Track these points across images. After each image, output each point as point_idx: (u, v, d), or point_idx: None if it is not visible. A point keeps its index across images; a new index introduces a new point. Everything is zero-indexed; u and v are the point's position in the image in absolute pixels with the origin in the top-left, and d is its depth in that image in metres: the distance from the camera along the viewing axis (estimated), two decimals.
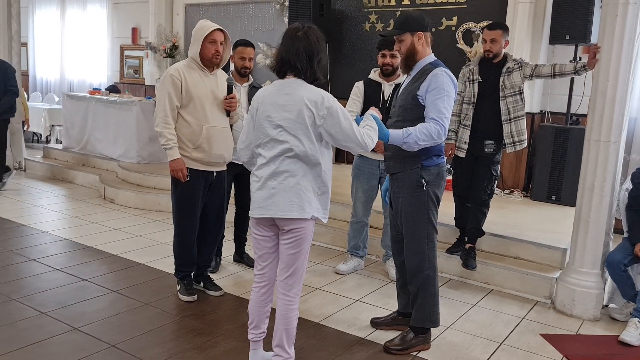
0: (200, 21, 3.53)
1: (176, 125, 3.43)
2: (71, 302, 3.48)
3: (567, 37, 5.35)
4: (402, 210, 3.01)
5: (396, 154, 2.96)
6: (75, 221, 5.40)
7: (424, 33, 2.93)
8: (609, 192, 3.62)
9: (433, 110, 2.81)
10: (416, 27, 2.91)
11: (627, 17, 3.42)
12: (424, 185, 2.92)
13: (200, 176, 3.50)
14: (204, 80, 3.47)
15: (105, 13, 10.06)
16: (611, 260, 3.63)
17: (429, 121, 2.81)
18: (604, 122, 3.54)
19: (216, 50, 3.43)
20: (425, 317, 3.04)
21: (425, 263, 3.00)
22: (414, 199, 2.95)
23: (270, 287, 2.65)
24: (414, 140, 2.77)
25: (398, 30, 2.93)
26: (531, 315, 3.69)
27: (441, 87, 2.82)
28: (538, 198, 5.74)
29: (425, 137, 2.78)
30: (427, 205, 2.96)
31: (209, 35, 3.41)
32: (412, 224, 2.99)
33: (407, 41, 2.91)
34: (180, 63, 3.51)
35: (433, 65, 2.92)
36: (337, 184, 5.78)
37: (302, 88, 2.45)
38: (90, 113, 7.46)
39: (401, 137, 2.78)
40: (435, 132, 2.78)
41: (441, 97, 2.81)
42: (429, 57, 2.96)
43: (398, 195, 3.02)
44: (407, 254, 3.04)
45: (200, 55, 3.44)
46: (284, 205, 2.44)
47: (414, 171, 2.93)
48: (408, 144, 2.79)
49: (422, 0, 6.73)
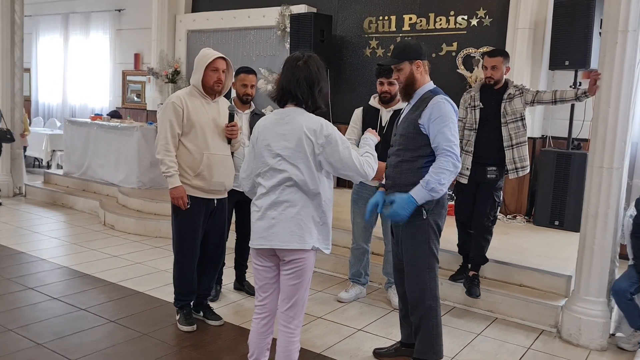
0: (203, 49, 3.55)
1: (177, 153, 3.42)
2: (68, 332, 3.42)
3: (567, 63, 5.37)
4: (402, 239, 2.97)
5: (397, 183, 2.93)
6: (75, 248, 5.36)
7: (422, 61, 2.93)
8: (613, 219, 3.58)
9: (441, 140, 2.78)
10: (414, 55, 2.91)
11: (627, 45, 3.43)
12: (423, 214, 2.87)
13: (201, 204, 3.48)
14: (206, 108, 3.47)
15: (108, 39, 10.16)
16: (617, 289, 3.58)
17: (438, 156, 2.79)
18: (606, 149, 3.52)
19: (218, 78, 3.44)
20: (429, 349, 2.98)
21: (427, 293, 2.95)
22: (414, 228, 2.91)
23: (271, 319, 2.60)
24: (436, 183, 2.75)
25: (396, 59, 2.93)
26: (537, 345, 3.62)
27: (445, 115, 2.80)
28: (541, 223, 5.69)
29: (445, 174, 2.75)
30: (427, 234, 2.91)
31: (211, 64, 3.42)
32: (412, 253, 2.94)
33: (405, 70, 2.91)
34: (182, 91, 3.52)
35: (432, 92, 2.91)
36: (338, 209, 5.75)
37: (302, 117, 2.44)
38: (92, 138, 7.47)
39: (423, 190, 2.76)
40: (449, 165, 2.76)
41: (446, 125, 2.79)
42: (428, 85, 2.96)
43: (398, 225, 2.98)
44: (408, 284, 2.99)
45: (202, 83, 3.45)
46: (284, 236, 2.41)
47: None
48: (433, 189, 2.76)
49: (422, 26, 6.79)
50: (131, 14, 9.84)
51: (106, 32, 10.21)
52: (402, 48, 2.93)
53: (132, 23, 9.83)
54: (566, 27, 5.36)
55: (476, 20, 6.42)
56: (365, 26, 7.24)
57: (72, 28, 10.77)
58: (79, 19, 10.61)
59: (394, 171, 2.94)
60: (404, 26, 6.93)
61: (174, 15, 8.99)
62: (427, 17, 6.75)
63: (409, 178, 2.88)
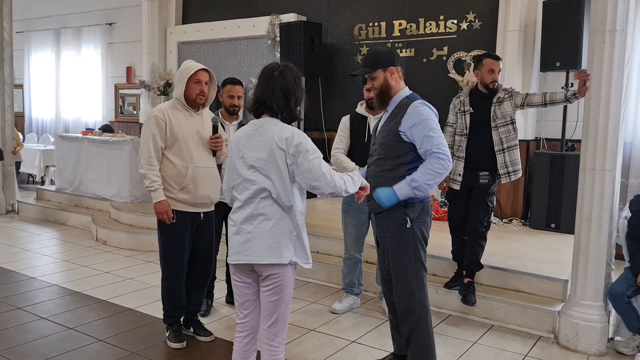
0: (185, 61, 3.50)
1: (161, 167, 3.37)
2: (54, 353, 3.35)
3: (558, 64, 5.34)
4: (388, 250, 2.91)
5: None
6: (66, 265, 5.29)
7: (396, 67, 2.87)
8: (607, 221, 3.52)
9: (428, 145, 2.72)
10: (387, 62, 2.84)
11: (615, 44, 3.38)
12: (408, 223, 2.82)
13: (187, 218, 3.42)
14: (189, 121, 3.42)
15: (100, 53, 10.14)
16: (614, 292, 3.51)
17: (428, 158, 2.73)
18: (598, 150, 3.47)
19: (201, 90, 3.39)
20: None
21: (416, 304, 2.88)
22: (399, 238, 2.85)
23: (253, 336, 2.52)
24: (422, 183, 2.70)
25: (369, 68, 2.87)
26: (534, 352, 3.55)
27: (426, 119, 2.74)
28: (537, 226, 5.64)
29: (431, 175, 2.70)
30: (413, 243, 2.85)
31: (193, 76, 3.37)
32: (399, 264, 2.88)
33: (379, 78, 2.85)
34: (165, 104, 3.47)
35: (409, 98, 2.85)
36: (332, 217, 5.71)
37: (275, 127, 2.38)
38: (83, 153, 7.43)
39: (407, 187, 2.71)
40: (437, 167, 2.69)
41: (431, 128, 2.72)
42: (404, 91, 2.89)
43: (383, 235, 2.92)
44: (397, 295, 2.92)
45: (185, 95, 3.40)
46: (260, 250, 2.34)
47: (398, 209, 2.83)
48: (418, 188, 2.71)
49: (412, 31, 6.76)
50: (122, 27, 9.83)
51: (98, 46, 10.20)
52: (374, 56, 2.87)
53: (123, 36, 9.82)
54: (556, 28, 5.34)
55: (466, 24, 6.40)
56: (355, 33, 7.22)
57: (64, 43, 10.76)
58: (71, 33, 10.60)
59: (374, 181, 2.87)
60: (394, 32, 6.91)
61: (164, 28, 8.98)
62: (417, 22, 6.73)
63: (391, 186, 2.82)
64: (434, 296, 4.23)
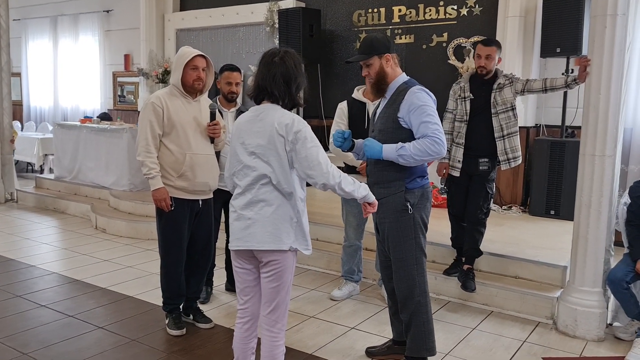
0: (182, 48, 3.47)
1: (159, 154, 3.35)
2: (55, 340, 3.36)
3: (558, 50, 5.30)
4: (388, 236, 2.90)
5: (379, 179, 2.86)
6: (65, 253, 5.29)
7: (391, 54, 2.85)
8: (607, 207, 3.52)
9: (425, 130, 2.72)
10: (382, 49, 2.83)
11: (616, 29, 3.35)
12: (409, 209, 2.83)
13: (185, 205, 3.41)
14: (187, 108, 3.40)
15: (97, 41, 10.07)
16: (613, 278, 3.51)
17: (424, 138, 2.72)
18: (598, 136, 3.45)
19: (198, 76, 3.36)
20: (421, 346, 2.92)
21: (416, 289, 2.89)
22: (400, 223, 2.85)
23: (254, 322, 2.53)
24: (409, 154, 2.69)
25: (364, 55, 2.84)
26: (533, 338, 3.56)
27: (424, 105, 2.73)
28: (536, 213, 5.63)
29: (420, 152, 2.69)
30: (413, 229, 2.86)
31: (190, 62, 3.34)
32: (399, 249, 2.88)
33: (375, 65, 2.83)
34: (162, 90, 3.45)
35: (407, 84, 2.84)
36: (332, 205, 5.70)
37: (275, 113, 2.37)
38: (82, 142, 7.40)
39: (394, 151, 2.71)
40: (430, 148, 2.68)
41: (428, 114, 2.72)
42: (401, 77, 2.88)
43: (384, 221, 2.91)
44: (397, 280, 2.93)
45: (182, 81, 3.37)
46: (260, 237, 2.34)
47: (398, 195, 2.83)
48: (403, 156, 2.70)
49: (411, 17, 6.70)
50: (119, 14, 9.75)
51: (95, 33, 10.11)
52: (369, 43, 2.85)
53: (121, 24, 9.74)
54: (557, 14, 5.29)
55: (466, 10, 6.34)
56: (354, 19, 7.15)
57: (61, 30, 10.67)
58: (68, 21, 10.51)
59: (375, 168, 2.87)
60: (393, 18, 6.84)
61: (162, 15, 8.90)
62: (416, 8, 6.66)
63: (392, 173, 2.83)
64: (434, 283, 4.23)
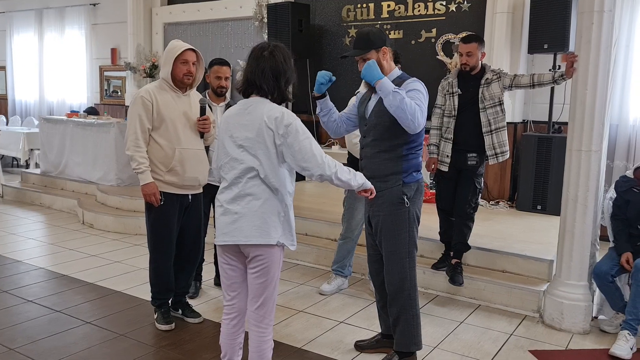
0: (172, 41, 3.45)
1: (148, 148, 3.33)
2: (42, 336, 3.33)
3: (546, 46, 5.34)
4: (382, 228, 2.91)
5: (376, 174, 2.83)
6: (52, 248, 5.25)
7: (387, 47, 2.86)
8: (593, 201, 3.56)
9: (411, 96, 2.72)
10: (379, 43, 2.83)
11: (603, 25, 3.38)
12: (406, 202, 2.85)
13: (174, 200, 3.39)
14: (176, 102, 3.38)
15: (84, 35, 9.95)
16: (598, 272, 3.56)
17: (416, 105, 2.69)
18: (585, 132, 3.49)
19: (188, 70, 3.34)
20: (410, 340, 2.95)
21: (407, 282, 2.91)
22: (395, 216, 2.87)
23: (241, 318, 2.52)
24: (401, 99, 2.63)
25: (362, 50, 2.83)
26: (520, 331, 3.60)
27: (418, 90, 2.76)
28: (524, 208, 5.68)
29: (408, 107, 2.63)
30: (408, 222, 2.88)
31: (180, 56, 3.32)
32: (393, 242, 2.90)
33: (372, 59, 2.81)
34: (152, 84, 3.42)
35: (401, 78, 2.86)
36: (321, 200, 5.70)
37: (263, 106, 2.36)
38: (68, 136, 7.33)
39: (391, 87, 2.66)
40: (415, 113, 2.64)
41: (418, 98, 2.73)
42: (395, 71, 2.90)
43: (378, 214, 2.92)
44: (388, 272, 2.94)
45: (171, 75, 3.35)
46: (247, 231, 2.32)
47: (395, 188, 2.85)
48: (395, 95, 2.63)
49: (400, 12, 6.71)
50: (106, 8, 9.65)
51: (81, 27, 10.00)
52: (366, 37, 2.84)
53: (108, 17, 9.64)
54: (544, 10, 5.33)
55: (454, 6, 6.36)
56: (343, 14, 7.15)
57: (47, 24, 10.54)
58: (54, 14, 10.38)
59: (371, 162, 2.88)
60: (382, 13, 6.84)
61: (149, 9, 8.83)
62: (405, 3, 6.67)
63: (389, 168, 2.84)
64: (422, 277, 4.26)
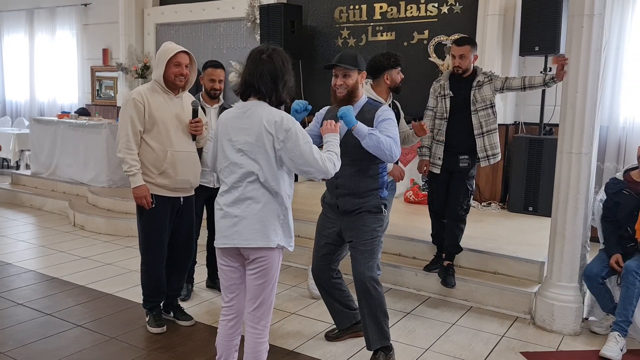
0: (165, 43, 3.44)
1: (140, 151, 3.32)
2: (32, 339, 3.31)
3: (537, 48, 5.38)
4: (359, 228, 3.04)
5: (355, 192, 3.05)
6: (43, 251, 5.21)
7: (364, 74, 3.05)
8: (583, 203, 3.58)
9: (387, 133, 2.91)
10: (362, 67, 2.99)
11: (593, 29, 3.41)
12: (383, 211, 3.08)
13: (166, 203, 3.38)
14: (169, 104, 3.37)
15: (75, 35, 9.89)
16: (589, 273, 3.59)
17: (389, 138, 2.88)
18: (575, 134, 3.51)
19: (180, 72, 3.34)
20: (384, 334, 3.07)
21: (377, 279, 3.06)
22: (373, 221, 3.05)
23: (238, 320, 2.53)
24: (377, 139, 2.81)
25: (351, 65, 2.94)
26: (511, 333, 3.62)
27: (391, 120, 2.97)
28: (515, 209, 5.71)
29: (384, 145, 2.83)
30: (381, 228, 3.11)
31: (173, 58, 3.31)
32: (370, 242, 3.04)
33: (353, 78, 2.97)
34: (144, 86, 3.41)
35: (372, 104, 3.05)
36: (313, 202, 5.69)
37: (262, 110, 2.37)
38: (59, 137, 7.28)
39: (367, 130, 2.81)
40: (389, 147, 2.84)
41: (390, 129, 2.93)
42: (364, 97, 3.08)
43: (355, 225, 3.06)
44: (364, 270, 3.01)
45: (164, 78, 3.34)
46: (248, 234, 2.34)
47: (373, 201, 3.05)
48: (370, 137, 2.80)
49: (392, 14, 6.73)
50: (97, 8, 9.59)
51: (72, 27, 9.93)
52: (354, 57, 2.99)
53: (99, 17, 9.58)
54: (535, 13, 5.36)
55: (447, 8, 6.38)
56: (336, 16, 7.15)
57: (38, 24, 10.46)
58: (44, 14, 10.31)
59: (351, 180, 3.03)
60: (375, 15, 6.86)
61: (141, 9, 8.79)
62: (397, 5, 6.69)
63: (369, 185, 3.04)
64: (414, 279, 4.28)
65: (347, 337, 3.42)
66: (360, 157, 2.95)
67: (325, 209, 3.21)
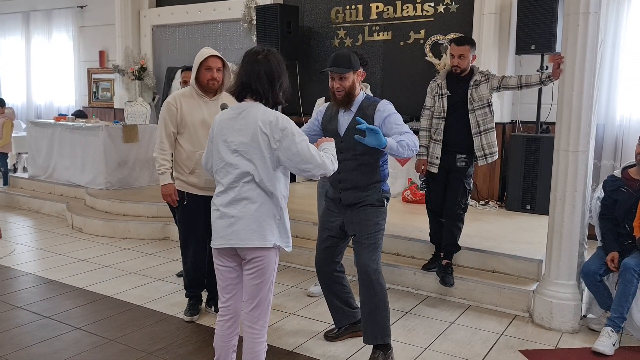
0: (202, 48, 3.57)
1: (174, 151, 3.55)
2: (31, 342, 3.30)
3: (533, 47, 5.39)
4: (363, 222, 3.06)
5: (358, 185, 3.04)
6: (41, 253, 5.20)
7: (360, 71, 3.07)
8: (581, 201, 3.59)
9: (403, 129, 2.94)
10: (357, 66, 3.02)
11: (589, 27, 3.42)
12: (385, 204, 3.10)
13: (199, 200, 3.50)
14: (202, 107, 3.51)
15: (71, 37, 9.88)
16: (587, 271, 3.59)
17: (407, 134, 2.91)
18: (572, 132, 3.52)
19: (212, 76, 3.46)
20: (386, 331, 3.07)
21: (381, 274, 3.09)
22: (376, 214, 3.07)
23: (235, 320, 2.53)
24: (406, 144, 2.84)
25: (346, 68, 2.97)
26: (510, 331, 3.62)
27: (395, 113, 2.99)
28: (513, 208, 5.72)
29: (411, 145, 2.87)
30: (384, 221, 3.11)
31: (204, 62, 3.45)
32: (374, 235, 3.05)
33: (350, 79, 3.01)
34: (180, 91, 3.65)
35: (371, 100, 3.06)
36: (311, 202, 5.69)
37: (257, 110, 2.38)
38: (56, 140, 7.26)
39: (395, 142, 2.82)
40: (414, 144, 2.89)
41: (401, 120, 2.99)
42: (362, 93, 3.10)
43: (357, 218, 3.07)
44: (368, 263, 3.04)
45: (198, 82, 3.49)
46: (244, 234, 2.35)
47: (376, 194, 3.07)
48: (401, 145, 2.82)
49: (389, 14, 6.74)
50: (94, 10, 9.59)
51: (69, 29, 9.94)
52: (348, 58, 2.99)
53: (95, 19, 9.59)
54: (531, 11, 5.37)
55: (443, 7, 6.39)
56: (332, 16, 7.16)
57: (34, 26, 10.46)
58: (41, 16, 10.30)
59: (352, 174, 3.05)
60: (371, 15, 6.87)
61: (137, 11, 8.80)
62: (394, 5, 6.70)
63: (371, 178, 3.06)
64: (413, 278, 4.29)
65: (346, 337, 3.42)
66: (361, 152, 2.98)
67: (329, 203, 3.24)
